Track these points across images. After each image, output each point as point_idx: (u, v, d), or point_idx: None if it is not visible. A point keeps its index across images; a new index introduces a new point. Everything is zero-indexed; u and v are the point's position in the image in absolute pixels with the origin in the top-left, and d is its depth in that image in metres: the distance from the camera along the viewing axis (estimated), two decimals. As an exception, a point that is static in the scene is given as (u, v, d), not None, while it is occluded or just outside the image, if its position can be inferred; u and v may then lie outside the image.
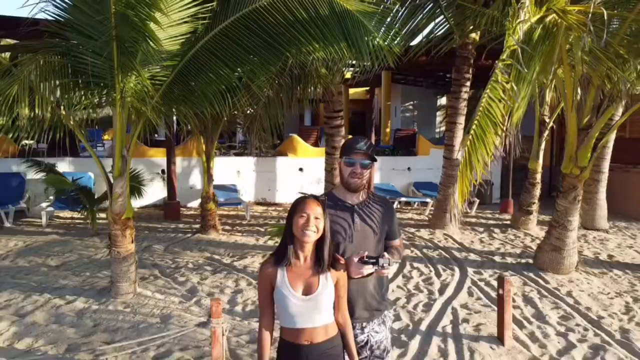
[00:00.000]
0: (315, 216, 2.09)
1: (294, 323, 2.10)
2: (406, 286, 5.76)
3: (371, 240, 2.46)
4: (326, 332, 2.14)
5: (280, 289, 2.10)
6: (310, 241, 2.10)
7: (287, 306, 2.09)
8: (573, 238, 6.18)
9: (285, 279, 2.10)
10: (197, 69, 4.29)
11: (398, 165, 12.84)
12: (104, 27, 3.72)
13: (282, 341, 2.19)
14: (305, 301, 2.08)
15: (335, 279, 2.16)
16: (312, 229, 2.07)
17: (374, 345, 2.52)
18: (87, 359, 3.87)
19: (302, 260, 2.13)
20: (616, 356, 4.04)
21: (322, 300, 2.10)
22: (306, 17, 4.11)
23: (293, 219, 2.12)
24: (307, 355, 2.11)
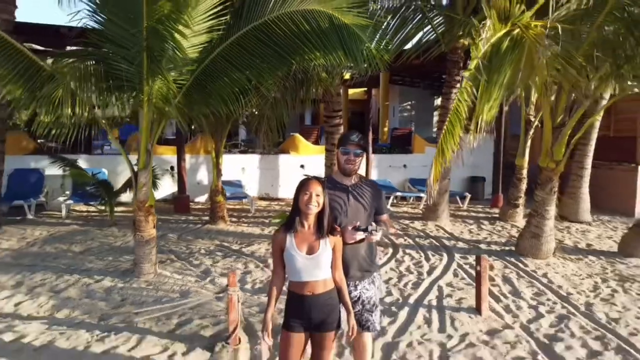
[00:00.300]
0: (316, 194, 2.67)
1: (300, 277, 2.68)
2: (398, 268, 6.35)
3: (362, 215, 3.04)
4: (325, 285, 2.71)
5: (289, 250, 2.68)
6: (312, 213, 2.68)
7: (294, 264, 2.67)
8: (550, 226, 6.77)
9: (293, 243, 2.68)
10: (213, 74, 4.88)
11: (394, 163, 13.41)
12: (137, 39, 4.31)
13: (289, 294, 2.77)
14: (308, 259, 2.66)
15: (333, 243, 2.74)
16: (314, 204, 2.65)
17: (365, 300, 3.10)
18: (119, 325, 4.46)
19: (306, 228, 2.71)
20: (578, 324, 4.63)
21: (322, 259, 2.68)
22: (309, 29, 4.70)
23: (299, 196, 2.70)
24: (310, 304, 2.69)
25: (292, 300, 2.76)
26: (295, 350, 2.72)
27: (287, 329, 2.73)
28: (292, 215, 2.74)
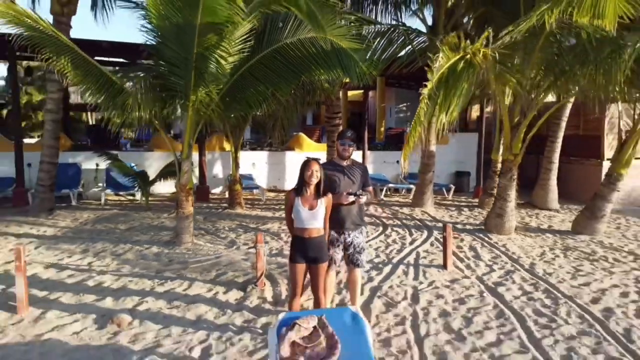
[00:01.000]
0: (316, 170, 3.98)
1: (303, 225, 3.97)
2: (386, 240, 7.72)
3: (353, 186, 4.40)
4: (318, 232, 4.00)
5: (296, 207, 3.98)
6: (313, 184, 3.98)
7: (299, 215, 3.97)
8: (511, 207, 8.12)
9: (299, 202, 3.99)
10: (242, 85, 6.24)
11: (389, 159, 14.78)
12: (188, 61, 5.67)
13: (294, 237, 4.05)
14: (309, 213, 3.96)
15: (325, 204, 4.06)
16: (315, 177, 3.96)
17: (356, 245, 4.46)
18: (172, 276, 5.82)
19: (308, 194, 4.01)
20: (520, 276, 5.99)
21: (318, 213, 3.98)
22: (314, 51, 6.06)
23: (304, 171, 4.01)
24: (308, 244, 3.97)
25: (296, 240, 4.04)
26: (300, 276, 4.05)
27: (292, 262, 4.02)
28: (299, 184, 4.05)
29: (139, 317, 4.63)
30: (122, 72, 6.45)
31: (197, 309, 4.85)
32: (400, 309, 4.90)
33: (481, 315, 4.75)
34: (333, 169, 4.41)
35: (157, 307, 4.88)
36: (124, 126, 6.12)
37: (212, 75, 5.88)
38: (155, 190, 11.89)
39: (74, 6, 8.65)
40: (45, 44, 5.50)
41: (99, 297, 5.12)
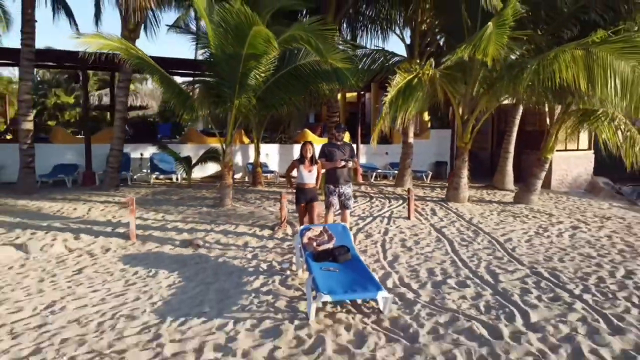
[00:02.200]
0: (309, 148, 6.47)
1: (303, 180, 6.47)
2: (371, 205, 10.17)
3: (344, 157, 6.86)
4: (312, 185, 6.51)
5: (300, 170, 6.47)
6: (308, 157, 6.47)
7: (302, 175, 6.46)
8: (464, 182, 10.56)
9: (301, 167, 6.48)
10: (269, 93, 8.69)
11: (379, 150, 17.20)
12: (234, 77, 8.11)
13: (297, 188, 6.58)
14: (307, 173, 6.46)
15: (317, 168, 6.55)
16: (309, 152, 6.46)
17: (346, 194, 6.90)
18: (222, 222, 8.27)
19: (306, 162, 6.50)
20: (460, 223, 8.43)
21: (312, 174, 6.48)
22: (319, 69, 8.52)
23: (302, 149, 6.52)
24: (306, 191, 6.49)
25: (298, 190, 6.55)
26: (303, 211, 6.55)
27: (298, 203, 6.54)
28: (300, 156, 6.54)
29: (208, 242, 7.12)
30: (189, 83, 8.92)
31: (244, 238, 7.32)
32: (375, 238, 7.37)
33: (425, 241, 7.22)
34: (332, 146, 6.88)
35: (218, 237, 7.36)
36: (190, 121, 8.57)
37: (250, 86, 8.32)
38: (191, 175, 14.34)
39: (138, 32, 11.10)
40: (143, 67, 7.95)
41: (178, 233, 7.60)
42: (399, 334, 4.03)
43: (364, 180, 13.82)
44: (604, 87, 6.80)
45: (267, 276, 5.58)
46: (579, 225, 8.61)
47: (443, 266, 5.96)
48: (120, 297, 4.99)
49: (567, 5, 8.60)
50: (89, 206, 9.62)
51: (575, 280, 5.41)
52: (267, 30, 7.21)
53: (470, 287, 5.16)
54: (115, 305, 4.74)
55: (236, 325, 4.20)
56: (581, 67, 6.98)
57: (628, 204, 13.07)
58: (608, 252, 6.74)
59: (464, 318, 4.32)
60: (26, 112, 10.72)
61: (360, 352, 3.71)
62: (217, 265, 6.08)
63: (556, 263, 6.13)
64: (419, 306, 4.63)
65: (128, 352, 3.74)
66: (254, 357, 3.66)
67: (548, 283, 5.30)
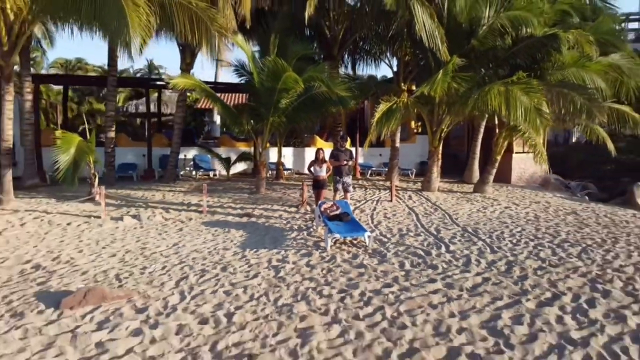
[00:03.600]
0: (322, 152, 9.54)
1: (317, 174, 9.53)
2: (365, 192, 13.20)
3: (345, 158, 9.92)
4: (323, 177, 9.56)
5: (315, 167, 9.53)
6: (321, 158, 9.52)
7: (316, 170, 9.52)
8: (434, 176, 13.52)
9: (315, 165, 9.54)
10: (295, 112, 11.73)
11: (374, 152, 20.20)
12: (270, 100, 11.12)
13: (314, 180, 9.64)
14: (320, 169, 9.52)
15: (326, 166, 9.59)
16: (321, 155, 9.52)
17: (347, 182, 9.96)
18: (261, 203, 11.30)
19: (319, 162, 9.55)
20: (427, 205, 11.44)
21: (323, 170, 9.53)
22: (327, 97, 11.55)
23: (317, 153, 9.57)
24: (319, 182, 9.54)
25: (314, 182, 9.60)
26: (317, 196, 9.59)
27: (315, 189, 9.58)
28: (315, 158, 9.58)
29: (255, 215, 10.17)
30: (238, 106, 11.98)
31: (278, 212, 10.35)
32: (366, 212, 10.40)
33: (400, 214, 10.24)
34: (337, 151, 9.93)
35: (261, 212, 10.39)
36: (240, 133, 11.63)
37: (280, 109, 11.34)
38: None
39: (192, 64, 14.15)
40: (208, 97, 10.96)
41: (233, 209, 10.65)
42: (376, 255, 7.06)
43: (362, 177, 16.85)
44: (515, 112, 9.79)
45: (298, 232, 8.62)
46: (511, 206, 11.61)
47: (408, 227, 8.99)
48: (212, 242, 8.03)
49: (502, 52, 11.59)
50: (162, 193, 12.69)
51: (486, 234, 8.43)
52: (295, 75, 10.24)
53: (421, 236, 8.19)
54: (213, 245, 7.78)
55: (286, 252, 7.24)
56: (503, 99, 9.96)
57: (569, 194, 16.04)
58: (518, 220, 9.75)
59: (413, 248, 7.36)
60: (110, 125, 13.76)
61: (355, 261, 6.73)
62: (265, 227, 9.12)
63: (479, 226, 9.14)
64: (388, 244, 7.66)
65: (230, 263, 6.77)
66: (299, 264, 6.68)
67: (469, 235, 8.33)
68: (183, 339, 4.48)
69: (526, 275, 6.07)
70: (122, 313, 5.03)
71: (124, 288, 5.75)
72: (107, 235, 8.42)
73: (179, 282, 5.96)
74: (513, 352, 4.17)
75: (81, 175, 10.69)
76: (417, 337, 4.47)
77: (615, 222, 9.87)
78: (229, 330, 4.64)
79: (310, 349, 4.26)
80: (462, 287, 5.69)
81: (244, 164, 18.37)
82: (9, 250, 7.37)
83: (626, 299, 5.29)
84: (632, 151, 20.03)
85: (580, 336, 4.46)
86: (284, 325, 4.74)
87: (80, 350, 4.29)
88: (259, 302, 5.32)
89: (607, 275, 6.08)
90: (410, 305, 5.19)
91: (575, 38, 10.58)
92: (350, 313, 4.99)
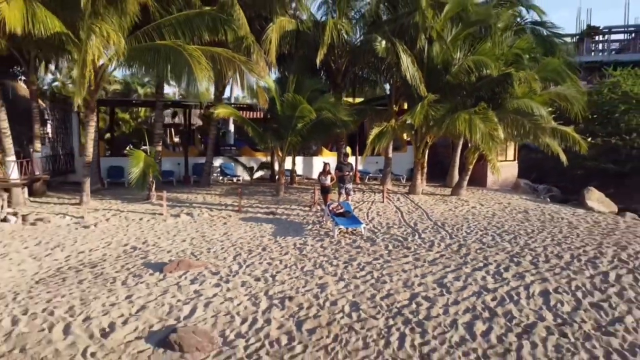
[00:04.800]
0: (327, 167, 11.98)
1: (324, 182, 11.97)
2: (363, 194, 15.60)
3: (348, 169, 12.35)
4: (329, 185, 12.00)
5: (321, 177, 11.98)
6: (326, 171, 11.96)
7: (322, 180, 11.97)
8: (419, 181, 15.90)
9: (322, 175, 11.98)
10: (307, 132, 14.13)
11: (371, 160, 22.53)
12: (290, 124, 13.53)
13: (321, 186, 12.08)
14: (326, 179, 11.95)
15: (330, 176, 12.01)
16: (327, 168, 11.97)
17: (348, 188, 12.39)
18: (281, 203, 13.71)
19: (325, 173, 11.98)
20: (410, 205, 13.83)
21: (328, 179, 11.96)
22: (333, 121, 13.96)
23: (323, 167, 12.01)
24: (326, 188, 11.98)
25: (322, 188, 12.05)
26: (324, 198, 12.00)
27: (322, 193, 12.02)
28: (322, 170, 12.01)
29: (279, 213, 12.58)
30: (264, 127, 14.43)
31: (296, 210, 12.75)
32: (363, 211, 12.79)
33: (389, 212, 12.63)
34: (341, 164, 12.36)
35: (282, 210, 12.80)
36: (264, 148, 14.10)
37: (297, 130, 13.74)
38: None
39: (224, 92, 16.57)
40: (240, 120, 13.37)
41: (261, 208, 13.06)
42: (369, 240, 9.46)
43: (360, 181, 19.27)
44: (475, 135, 12.17)
45: (312, 225, 11.02)
46: (476, 206, 13.98)
47: (394, 221, 11.38)
48: (251, 232, 10.44)
49: (469, 86, 14.00)
50: (202, 195, 15.13)
51: (450, 226, 10.81)
52: (309, 106, 12.66)
53: (402, 228, 10.59)
54: (252, 234, 10.20)
55: (305, 238, 9.65)
56: (467, 124, 12.34)
57: (534, 197, 18.34)
58: (478, 217, 12.13)
59: (395, 235, 9.76)
60: (158, 140, 16.19)
61: (354, 244, 9.13)
62: (287, 221, 11.52)
63: (447, 221, 11.52)
64: (378, 233, 10.07)
65: (267, 245, 9.18)
66: (315, 246, 9.09)
67: (437, 227, 10.71)
68: (246, 289, 6.89)
69: (469, 253, 8.48)
70: (204, 275, 7.45)
71: (200, 260, 8.18)
72: (172, 228, 10.85)
73: (235, 257, 8.38)
74: (450, 295, 6.56)
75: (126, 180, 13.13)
76: (393, 288, 6.86)
77: (554, 218, 12.23)
78: (274, 284, 7.05)
79: (326, 294, 6.66)
80: (425, 260, 8.10)
81: (261, 171, 20.80)
82: (109, 237, 9.82)
83: (530, 266, 7.69)
84: (596, 159, 22.34)
85: (493, 287, 6.85)
86: (308, 282, 7.15)
87: (185, 294, 6.71)
88: (290, 269, 7.74)
89: (523, 252, 8.47)
90: (389, 270, 7.59)
91: (524, 76, 12.96)
92: (350, 275, 7.40)
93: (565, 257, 8.20)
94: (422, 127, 14.14)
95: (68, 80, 29.61)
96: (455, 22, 13.93)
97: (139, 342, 5.35)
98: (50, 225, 10.74)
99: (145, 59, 10.33)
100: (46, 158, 15.59)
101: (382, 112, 16.29)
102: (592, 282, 6.97)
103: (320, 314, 5.97)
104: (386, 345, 5.22)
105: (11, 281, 7.21)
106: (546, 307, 6.16)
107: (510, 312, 5.99)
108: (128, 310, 6.10)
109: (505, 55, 13.76)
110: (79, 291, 6.71)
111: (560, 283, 6.94)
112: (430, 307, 6.17)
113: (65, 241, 9.40)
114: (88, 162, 12.70)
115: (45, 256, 8.48)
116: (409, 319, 5.83)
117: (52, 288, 6.86)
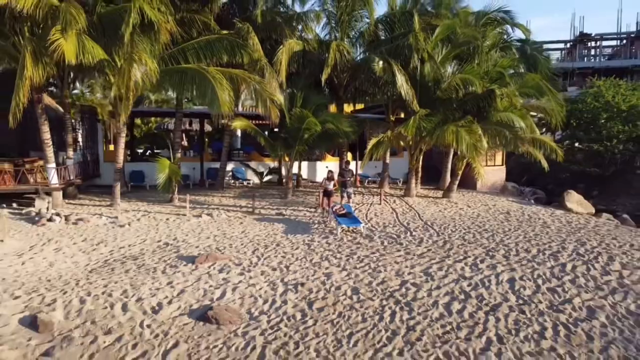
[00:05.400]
0: (331, 174, 13.19)
1: (327, 187, 13.17)
2: (363, 197, 16.78)
3: (349, 175, 13.56)
4: (332, 189, 13.22)
5: (326, 183, 13.18)
6: (331, 177, 13.18)
7: (327, 184, 13.17)
8: (413, 185, 17.07)
9: (326, 181, 13.18)
10: (313, 142, 15.32)
11: (370, 165, 23.71)
12: (299, 135, 14.75)
13: (324, 190, 13.28)
14: (329, 184, 13.16)
15: (333, 181, 13.23)
16: (330, 175, 13.18)
17: (349, 191, 13.61)
18: (290, 205, 14.91)
19: (329, 179, 13.19)
20: (405, 206, 15.01)
21: (331, 184, 13.18)
22: (336, 131, 15.16)
23: (327, 174, 13.21)
24: (329, 192, 13.20)
25: (325, 191, 13.24)
26: (328, 201, 13.21)
27: (325, 197, 13.21)
28: (327, 177, 13.21)
29: (287, 214, 13.78)
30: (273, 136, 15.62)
31: (303, 212, 13.94)
32: (362, 211, 13.97)
33: (385, 213, 13.81)
34: (344, 171, 13.57)
35: (290, 212, 13.99)
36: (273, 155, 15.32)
37: (304, 140, 14.91)
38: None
39: (237, 102, 17.80)
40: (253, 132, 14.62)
41: (272, 209, 14.26)
42: (367, 238, 10.65)
43: (360, 184, 20.53)
44: (461, 146, 13.38)
45: (318, 224, 12.22)
46: (464, 208, 15.16)
47: (390, 221, 12.57)
48: (265, 230, 11.64)
49: (457, 101, 15.21)
50: (217, 198, 16.34)
51: (438, 226, 11.99)
52: (315, 120, 13.87)
53: (396, 227, 11.78)
54: (266, 232, 11.40)
55: (312, 235, 10.85)
56: (454, 136, 13.53)
57: (519, 199, 19.46)
58: (464, 217, 13.31)
59: (390, 233, 10.95)
60: (177, 148, 17.41)
61: (355, 241, 10.33)
62: (296, 222, 12.72)
63: (436, 221, 12.70)
64: (375, 231, 11.26)
65: (280, 242, 10.38)
66: (321, 242, 10.28)
67: (427, 226, 11.90)
68: (265, 277, 8.09)
69: (452, 248, 9.67)
70: (229, 266, 8.65)
71: (225, 254, 9.38)
72: (196, 226, 12.05)
73: (254, 252, 9.58)
74: (434, 282, 7.75)
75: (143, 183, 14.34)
76: (386, 276, 8.06)
77: (532, 219, 13.40)
78: (288, 273, 8.25)
79: (331, 281, 7.86)
80: (414, 254, 9.29)
81: (270, 175, 22.01)
82: (143, 235, 11.03)
83: (502, 259, 8.87)
84: (581, 163, 23.50)
85: (469, 275, 8.03)
86: (316, 271, 8.34)
87: (215, 280, 7.90)
88: (301, 261, 8.93)
89: (497, 247, 9.66)
90: (384, 262, 8.79)
91: (506, 92, 14.16)
92: (351, 265, 8.60)
93: (533, 251, 9.39)
94: (414, 137, 15.33)
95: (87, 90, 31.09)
96: (445, 43, 15.14)
97: (183, 317, 6.54)
98: (90, 224, 11.95)
99: (173, 81, 11.57)
100: (77, 164, 16.82)
101: (380, 122, 17.46)
102: (551, 272, 8.15)
103: (327, 296, 7.16)
104: (380, 320, 6.40)
105: (69, 271, 8.42)
106: (511, 291, 7.34)
107: (482, 295, 7.17)
108: (171, 293, 7.29)
109: (490, 73, 14.96)
110: (128, 278, 7.91)
111: (525, 272, 8.12)
112: (417, 291, 7.35)
113: (106, 238, 10.62)
114: (119, 167, 13.90)
115: (92, 250, 9.69)
116: (399, 300, 7.01)
117: (105, 276, 8.07)
